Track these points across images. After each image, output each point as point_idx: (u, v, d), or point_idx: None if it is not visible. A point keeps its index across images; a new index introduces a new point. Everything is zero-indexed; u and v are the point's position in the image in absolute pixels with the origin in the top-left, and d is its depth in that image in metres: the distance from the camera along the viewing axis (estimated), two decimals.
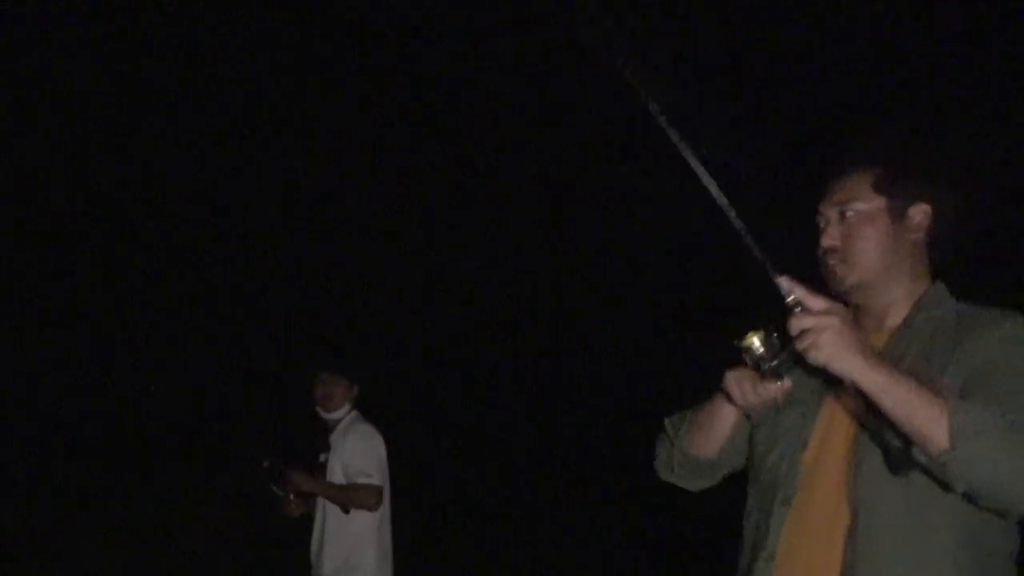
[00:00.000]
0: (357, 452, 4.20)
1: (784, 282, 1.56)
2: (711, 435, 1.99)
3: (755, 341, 1.66)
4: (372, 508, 4.14)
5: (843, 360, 1.53)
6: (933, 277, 1.89)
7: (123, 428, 12.68)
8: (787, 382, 1.74)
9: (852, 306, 1.89)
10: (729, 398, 1.90)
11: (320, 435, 4.42)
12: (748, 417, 1.98)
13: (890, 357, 1.77)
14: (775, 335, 1.65)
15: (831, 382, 1.76)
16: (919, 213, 1.83)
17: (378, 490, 4.17)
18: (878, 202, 1.82)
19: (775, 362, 1.66)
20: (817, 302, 1.55)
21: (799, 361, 1.62)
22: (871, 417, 1.59)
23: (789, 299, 1.55)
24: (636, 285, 12.18)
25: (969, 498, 1.58)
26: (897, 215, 1.82)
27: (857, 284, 1.84)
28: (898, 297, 1.85)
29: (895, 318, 1.85)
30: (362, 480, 4.14)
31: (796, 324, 1.55)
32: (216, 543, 8.20)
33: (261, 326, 13.12)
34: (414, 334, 12.79)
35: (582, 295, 12.81)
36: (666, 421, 2.09)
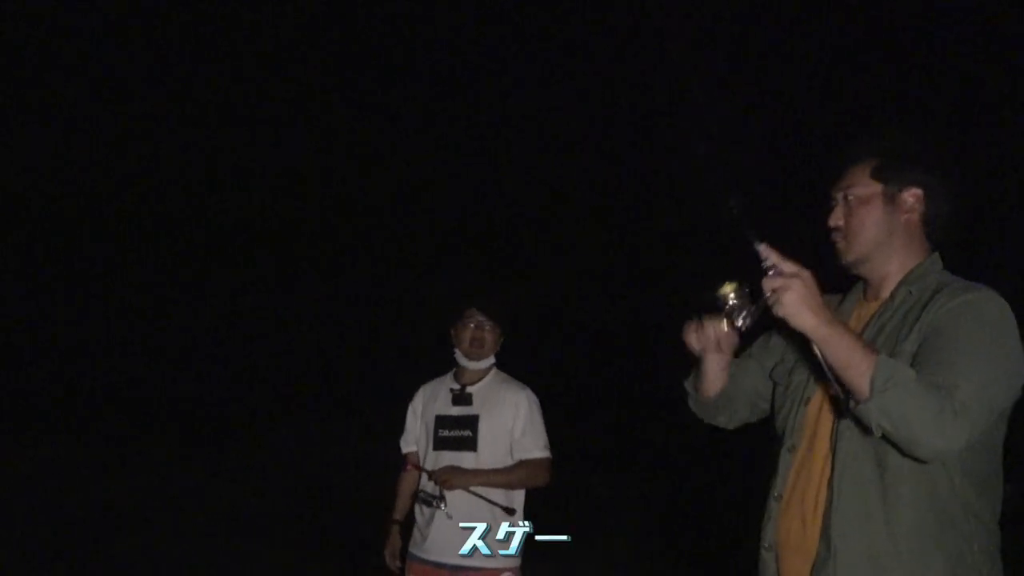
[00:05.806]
0: (523, 417, 3.61)
1: (762, 248, 1.87)
2: (707, 380, 2.36)
3: (729, 291, 1.96)
4: (545, 483, 3.61)
5: (799, 315, 1.84)
6: (934, 250, 2.13)
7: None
8: (725, 327, 2.12)
9: (859, 279, 2.20)
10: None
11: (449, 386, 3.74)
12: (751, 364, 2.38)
13: (875, 325, 2.08)
14: (747, 289, 1.96)
15: None
16: (911, 197, 2.09)
17: (551, 462, 3.63)
18: (874, 187, 2.11)
19: (744, 312, 1.96)
20: (787, 266, 1.86)
21: (766, 313, 1.93)
22: (828, 370, 1.88)
23: (765, 263, 1.87)
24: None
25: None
26: (890, 199, 2.10)
27: (856, 258, 2.14)
28: (893, 270, 2.12)
29: (888, 290, 2.13)
30: (538, 455, 3.60)
31: (767, 284, 1.86)
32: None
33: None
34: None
35: None
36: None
